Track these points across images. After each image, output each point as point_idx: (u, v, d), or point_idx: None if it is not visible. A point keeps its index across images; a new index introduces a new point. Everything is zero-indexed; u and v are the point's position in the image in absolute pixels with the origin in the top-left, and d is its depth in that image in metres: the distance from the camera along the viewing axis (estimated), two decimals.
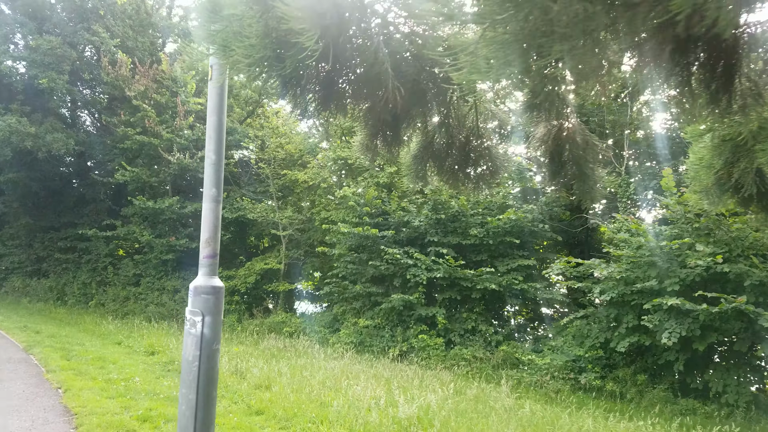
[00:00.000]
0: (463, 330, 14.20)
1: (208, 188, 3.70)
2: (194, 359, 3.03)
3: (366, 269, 15.66)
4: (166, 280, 19.69)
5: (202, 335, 3.09)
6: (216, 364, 3.13)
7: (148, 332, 14.15)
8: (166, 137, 18.10)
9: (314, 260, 20.08)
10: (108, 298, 20.22)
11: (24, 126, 17.07)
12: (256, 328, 16.70)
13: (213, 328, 3.17)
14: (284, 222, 18.80)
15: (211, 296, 3.27)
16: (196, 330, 3.11)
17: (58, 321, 16.54)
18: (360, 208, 15.77)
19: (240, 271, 19.23)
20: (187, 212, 19.06)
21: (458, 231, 14.97)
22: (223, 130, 3.78)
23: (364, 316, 15.41)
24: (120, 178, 18.41)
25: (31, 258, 22.88)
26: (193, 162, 18.44)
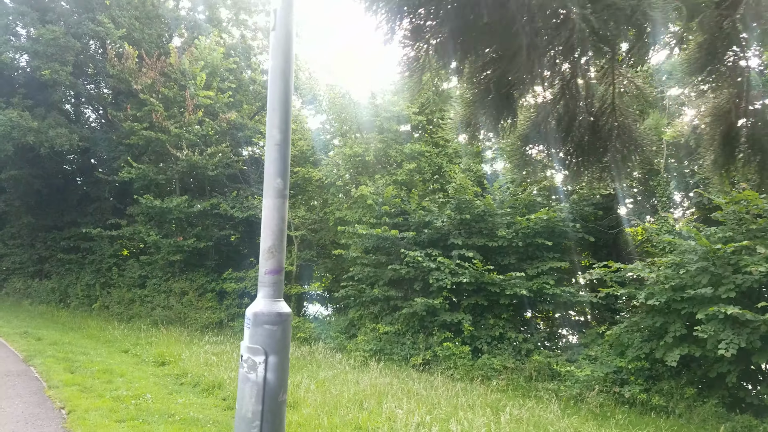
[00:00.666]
0: (489, 337, 13.35)
1: (271, 179, 2.79)
2: (255, 416, 2.17)
3: (384, 272, 14.83)
4: (174, 282, 18.88)
5: (265, 382, 2.23)
6: (283, 421, 2.28)
7: (157, 339, 13.33)
8: (174, 132, 17.29)
9: (326, 261, 19.27)
10: (112, 300, 19.42)
11: (26, 120, 16.26)
12: None
13: (279, 373, 2.32)
14: (296, 222, 17.97)
15: (276, 327, 2.43)
16: (256, 375, 2.27)
17: (60, 325, 15.73)
18: (378, 208, 14.94)
19: (250, 273, 18.40)
20: (194, 211, 18.24)
21: (483, 232, 14.12)
22: (290, 98, 2.85)
23: (383, 322, 14.59)
24: (125, 175, 17.60)
25: (33, 258, 22.09)
26: (202, 159, 17.61)
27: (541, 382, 11.85)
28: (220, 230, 19.03)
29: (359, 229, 14.28)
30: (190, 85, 17.84)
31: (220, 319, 17.67)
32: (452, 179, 15.88)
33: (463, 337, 13.33)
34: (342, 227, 15.20)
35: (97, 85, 22.83)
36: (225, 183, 20.03)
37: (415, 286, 14.24)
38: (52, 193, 22.02)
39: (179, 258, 18.44)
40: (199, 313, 17.93)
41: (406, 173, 15.57)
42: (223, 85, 19.49)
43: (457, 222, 14.06)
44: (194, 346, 12.31)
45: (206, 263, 19.48)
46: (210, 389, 8.31)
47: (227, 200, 18.64)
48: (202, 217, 19.24)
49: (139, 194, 18.49)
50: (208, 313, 17.84)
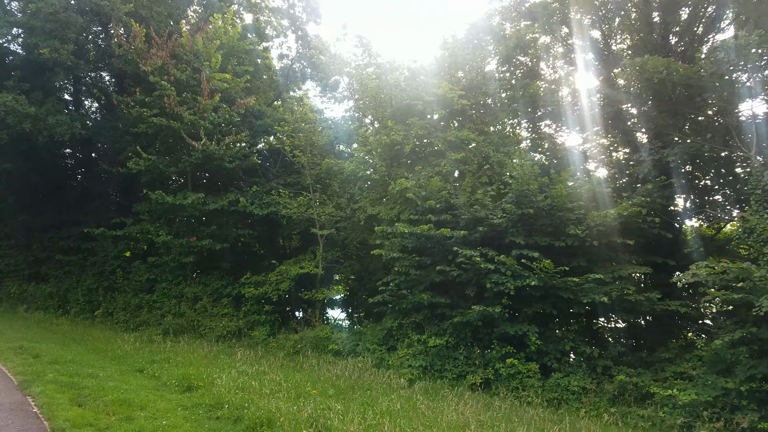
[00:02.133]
0: (558, 352, 11.58)
1: None
2: None
3: (428, 275, 13.05)
4: (185, 286, 17.04)
5: None
6: None
7: (174, 353, 11.50)
8: (188, 119, 15.44)
9: (352, 264, 17.46)
10: (117, 306, 17.56)
11: (22, 105, 14.40)
12: (296, 345, 14.05)
13: None
14: (323, 219, 16.16)
15: None
16: None
17: (60, 337, 13.86)
18: (421, 203, 13.15)
19: (271, 276, 16.58)
20: (210, 209, 16.39)
21: (548, 230, 12.35)
22: None
23: (427, 332, 12.80)
24: (133, 167, 15.74)
25: (29, 260, 20.15)
26: (219, 149, 15.77)
27: (629, 406, 10.08)
28: (238, 229, 17.20)
29: (401, 227, 12.48)
30: (204, 66, 16.00)
31: (238, 328, 15.85)
32: (503, 169, 14.11)
33: (528, 352, 11.54)
34: (381, 226, 13.35)
35: (98, 72, 20.96)
36: (241, 177, 18.21)
37: (468, 291, 12.46)
38: (50, 189, 20.10)
39: (192, 260, 16.60)
40: (214, 321, 16.11)
41: (451, 164, 13.77)
42: (239, 68, 17.67)
43: (516, 218, 12.28)
44: (222, 362, 10.47)
45: (221, 265, 17.65)
46: (256, 427, 6.50)
47: (246, 196, 16.79)
48: (218, 215, 17.39)
49: (149, 189, 16.62)
50: (224, 320, 16.01)
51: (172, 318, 16.32)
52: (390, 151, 14.38)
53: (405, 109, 14.69)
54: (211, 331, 15.79)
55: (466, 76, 15.13)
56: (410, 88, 14.33)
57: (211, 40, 16.36)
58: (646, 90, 12.98)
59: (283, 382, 8.68)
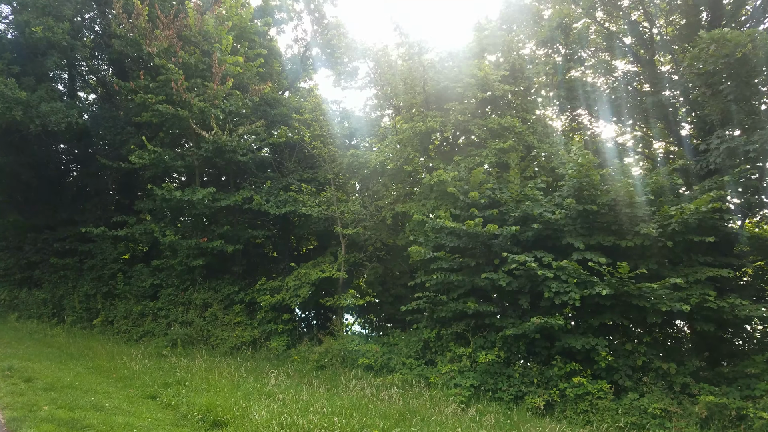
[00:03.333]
0: (630, 368, 10.13)
1: None
2: None
3: (470, 279, 11.59)
4: (194, 292, 15.50)
5: None
6: None
7: (189, 372, 9.97)
8: (197, 107, 13.89)
9: (376, 266, 15.93)
10: (118, 314, 15.98)
11: (11, 89, 12.81)
12: (322, 359, 12.53)
13: None
14: (346, 217, 14.65)
15: None
16: None
17: (56, 351, 12.29)
18: (464, 197, 11.67)
19: (288, 281, 15.07)
20: (220, 206, 14.86)
21: (611, 228, 10.89)
22: None
23: (473, 345, 11.33)
24: (136, 160, 14.16)
25: (21, 263, 18.50)
26: (232, 140, 14.23)
27: None
28: (252, 230, 15.66)
29: (445, 221, 10.97)
30: (215, 48, 14.44)
31: (252, 338, 14.33)
32: (551, 160, 12.67)
33: (596, 368, 10.09)
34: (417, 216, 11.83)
35: (96, 59, 19.34)
36: (253, 172, 16.66)
37: (521, 302, 10.98)
38: (44, 186, 18.46)
39: (201, 263, 15.04)
40: (226, 331, 14.58)
41: (494, 154, 12.29)
42: (251, 52, 16.13)
43: (576, 215, 10.83)
44: (248, 385, 8.94)
45: (232, 269, 16.12)
46: None
47: (260, 193, 15.26)
48: (229, 213, 15.89)
49: (155, 184, 15.08)
50: (238, 330, 14.49)
51: (180, 327, 14.78)
52: (424, 140, 12.89)
53: (440, 93, 13.19)
54: (224, 342, 14.27)
55: (505, 59, 13.65)
56: (446, 70, 12.83)
57: (222, 21, 14.81)
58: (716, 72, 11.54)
59: (330, 414, 7.16)
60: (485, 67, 12.76)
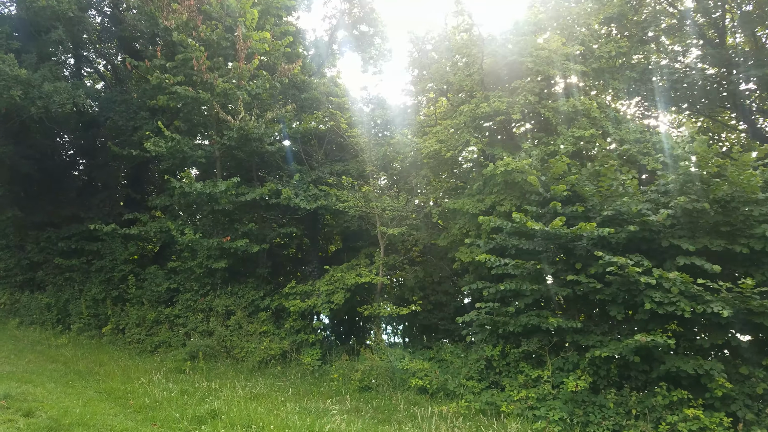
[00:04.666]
0: (747, 397, 8.40)
1: None
2: None
3: (539, 288, 9.88)
4: (215, 298, 13.84)
5: None
6: None
7: (224, 401, 8.28)
8: (220, 88, 12.20)
9: (416, 271, 14.22)
10: (129, 321, 14.34)
11: (10, 66, 11.13)
12: (366, 378, 10.85)
13: None
14: (387, 215, 12.94)
15: None
16: None
17: (62, 368, 10.64)
18: (543, 191, 9.96)
19: (319, 285, 13.40)
20: (245, 201, 13.17)
21: (720, 230, 9.14)
22: None
23: (552, 366, 9.63)
24: (152, 148, 12.48)
25: (22, 264, 16.84)
26: (259, 126, 12.52)
27: None
28: (280, 227, 13.99)
29: (528, 223, 9.25)
30: (239, 23, 12.73)
31: (282, 350, 12.68)
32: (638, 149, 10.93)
33: (710, 397, 8.37)
34: (489, 217, 10.10)
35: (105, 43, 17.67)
36: (278, 164, 14.98)
37: (612, 312, 9.27)
38: (47, 179, 16.77)
39: (224, 265, 13.37)
40: (252, 342, 12.93)
41: (571, 141, 10.55)
42: (278, 29, 14.41)
43: (679, 213, 9.09)
44: (301, 424, 7.24)
45: (257, 272, 14.43)
46: None
47: (289, 186, 13.57)
48: (253, 209, 14.21)
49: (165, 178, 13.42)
50: (266, 341, 12.82)
51: (200, 338, 13.16)
52: (485, 125, 11.18)
53: (499, 71, 11.49)
54: (250, 354, 12.63)
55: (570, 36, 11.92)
56: (510, 44, 11.10)
57: None
58: None
59: None
60: (555, 40, 11.04)
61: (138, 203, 16.66)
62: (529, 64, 10.84)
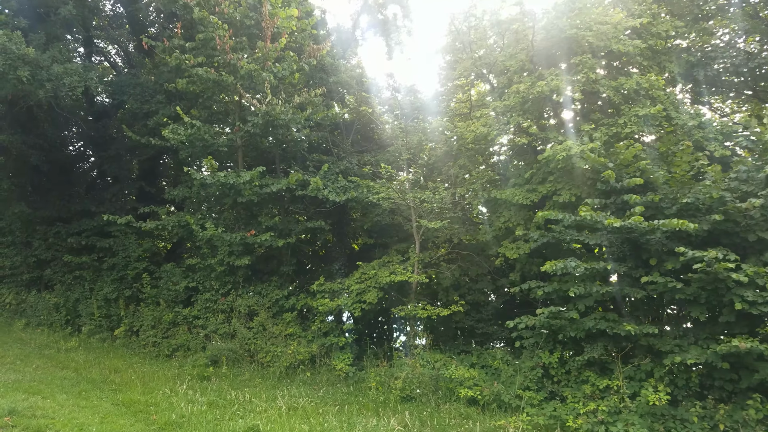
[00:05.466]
0: None
1: None
2: None
3: (599, 287, 8.83)
4: (236, 297, 12.82)
5: None
6: None
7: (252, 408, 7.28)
8: (245, 70, 11.19)
9: (453, 268, 13.14)
10: (144, 323, 13.35)
11: (17, 44, 10.16)
12: (407, 387, 9.82)
13: None
14: (426, 207, 11.90)
15: None
16: None
17: (73, 375, 9.65)
18: (613, 181, 8.91)
19: (349, 283, 12.40)
20: (270, 192, 12.17)
21: None
22: None
23: (622, 374, 8.60)
24: (171, 136, 11.48)
25: (29, 262, 15.88)
26: (286, 111, 11.51)
27: None
28: (307, 221, 12.99)
29: (609, 220, 8.19)
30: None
31: (311, 354, 11.66)
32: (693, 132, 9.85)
33: None
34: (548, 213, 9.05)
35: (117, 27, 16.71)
36: (302, 153, 13.97)
37: (693, 312, 8.23)
38: (55, 171, 15.83)
39: (248, 262, 12.38)
40: (277, 345, 11.92)
41: (635, 122, 9.48)
42: (303, 8, 13.39)
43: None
44: None
45: (280, 269, 13.42)
46: None
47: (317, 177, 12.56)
48: (277, 201, 13.23)
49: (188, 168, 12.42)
50: (293, 345, 11.80)
51: (221, 340, 12.16)
52: (541, 106, 10.14)
53: (550, 49, 10.43)
54: (276, 359, 11.63)
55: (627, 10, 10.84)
56: (568, 17, 10.03)
57: None
58: None
59: None
60: (616, 14, 9.99)
61: (152, 197, 15.69)
62: (590, 39, 9.79)
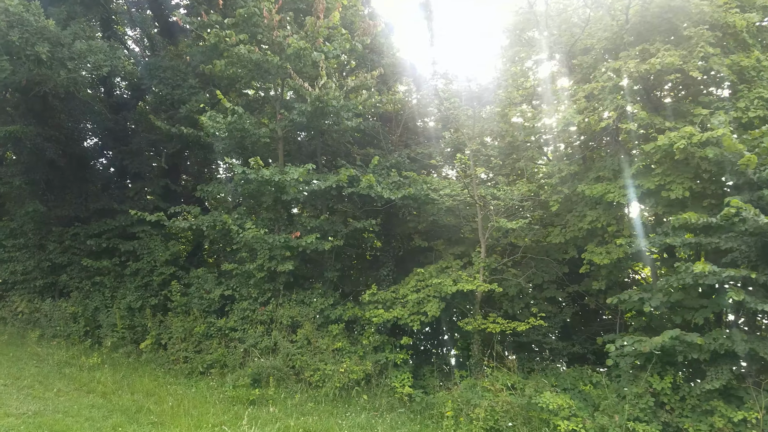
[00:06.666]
0: None
1: None
2: None
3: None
4: (277, 307, 11.38)
5: None
6: None
7: None
8: (293, 49, 9.75)
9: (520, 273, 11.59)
10: (173, 335, 11.92)
11: (35, 15, 8.75)
12: (496, 420, 8.34)
13: None
14: (501, 204, 10.43)
15: None
16: None
17: (102, 403, 8.21)
18: (752, 171, 7.44)
19: (404, 292, 10.97)
20: (318, 190, 10.72)
21: None
22: None
23: (753, 404, 7.12)
24: (209, 123, 10.05)
25: (43, 266, 14.46)
26: (338, 97, 10.06)
27: None
28: (356, 220, 11.56)
29: (756, 213, 6.71)
30: None
31: (365, 373, 10.20)
32: None
33: None
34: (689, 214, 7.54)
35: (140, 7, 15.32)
36: (347, 146, 12.57)
37: None
38: (73, 167, 14.42)
39: (291, 267, 10.93)
40: (326, 362, 10.45)
41: (760, 105, 8.00)
42: None
43: None
44: None
45: (324, 275, 11.98)
46: None
47: (370, 171, 11.14)
48: (323, 200, 11.78)
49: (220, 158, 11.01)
50: (346, 362, 10.34)
51: (261, 355, 10.71)
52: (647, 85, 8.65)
53: (662, 18, 8.94)
54: (327, 378, 10.16)
55: None
56: None
57: None
58: None
59: None
60: None
61: (177, 196, 14.30)
62: (705, 7, 8.31)
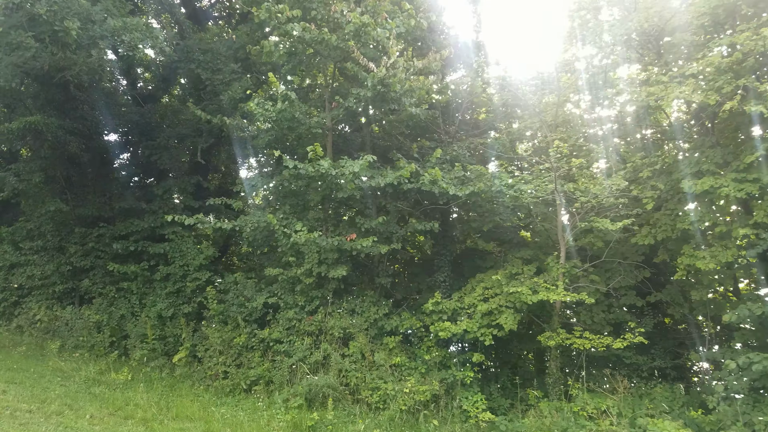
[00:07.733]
0: None
1: None
2: None
3: None
4: (327, 317, 10.17)
5: None
6: None
7: None
8: (354, 25, 8.56)
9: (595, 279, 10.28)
10: (210, 348, 10.74)
11: None
12: None
13: None
14: (594, 202, 9.18)
15: None
16: None
17: (140, 428, 7.05)
18: None
19: (470, 301, 9.78)
20: (376, 186, 9.53)
21: None
22: None
23: None
24: (258, 110, 8.87)
25: (63, 271, 13.30)
26: (403, 81, 8.86)
27: None
28: (416, 220, 10.36)
29: None
30: None
31: (433, 393, 9.00)
32: None
33: None
34: None
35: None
36: (399, 138, 11.39)
37: None
38: (96, 162, 13.29)
39: (344, 273, 9.74)
40: (386, 381, 9.25)
41: None
42: None
43: None
44: None
45: (376, 281, 10.79)
46: None
47: (431, 164, 9.94)
48: (379, 197, 10.59)
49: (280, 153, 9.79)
50: (410, 381, 9.13)
51: (311, 371, 9.51)
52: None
53: None
54: (390, 399, 8.94)
55: None
56: None
57: None
58: None
59: None
60: None
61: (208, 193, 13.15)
62: None
